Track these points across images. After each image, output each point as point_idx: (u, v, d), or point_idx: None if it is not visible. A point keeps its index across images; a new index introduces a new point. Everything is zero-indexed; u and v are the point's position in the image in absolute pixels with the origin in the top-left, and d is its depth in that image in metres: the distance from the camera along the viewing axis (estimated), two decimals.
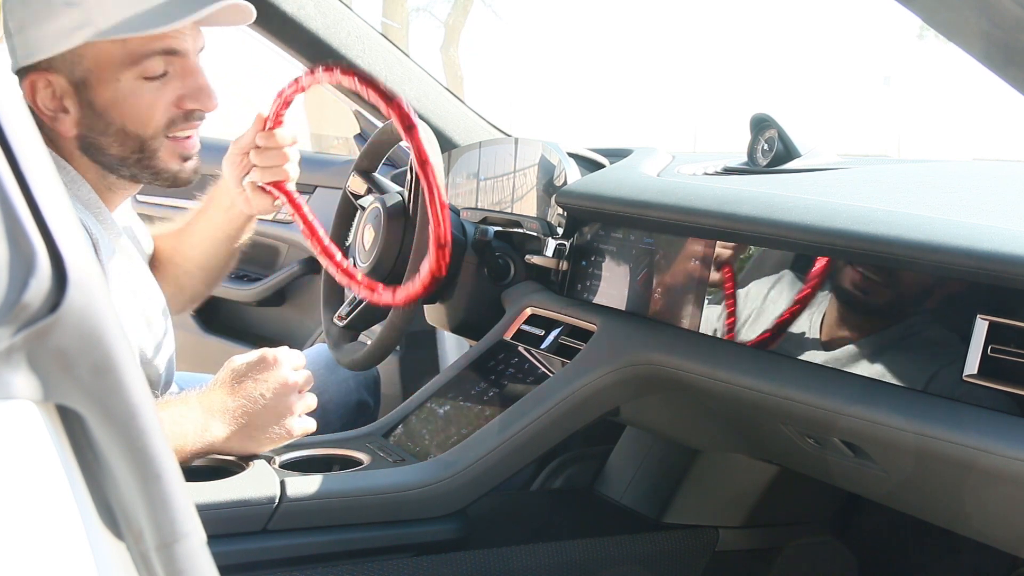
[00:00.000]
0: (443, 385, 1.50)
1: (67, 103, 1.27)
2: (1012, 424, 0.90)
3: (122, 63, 1.25)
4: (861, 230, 1.05)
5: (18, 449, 0.38)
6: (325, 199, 2.46)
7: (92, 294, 0.38)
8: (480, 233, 1.65)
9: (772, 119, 1.51)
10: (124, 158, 1.30)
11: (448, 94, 2.18)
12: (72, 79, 1.26)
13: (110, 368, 0.39)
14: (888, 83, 18.99)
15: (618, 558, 1.47)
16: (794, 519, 1.62)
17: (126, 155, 1.30)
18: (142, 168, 1.32)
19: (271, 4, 1.88)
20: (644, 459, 1.63)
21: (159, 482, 0.41)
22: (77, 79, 1.26)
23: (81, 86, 1.26)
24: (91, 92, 1.26)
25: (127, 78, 1.26)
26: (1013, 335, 0.91)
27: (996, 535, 1.12)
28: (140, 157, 1.31)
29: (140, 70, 1.26)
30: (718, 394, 1.22)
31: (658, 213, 1.35)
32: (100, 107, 1.27)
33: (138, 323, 1.36)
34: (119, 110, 1.27)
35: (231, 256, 1.62)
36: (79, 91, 1.26)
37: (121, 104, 1.27)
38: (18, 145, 0.38)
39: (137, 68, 1.26)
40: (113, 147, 1.29)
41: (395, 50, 2.11)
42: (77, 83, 1.26)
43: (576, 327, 1.46)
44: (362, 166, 1.69)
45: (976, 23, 0.81)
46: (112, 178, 1.34)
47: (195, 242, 1.59)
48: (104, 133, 1.28)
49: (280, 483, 1.22)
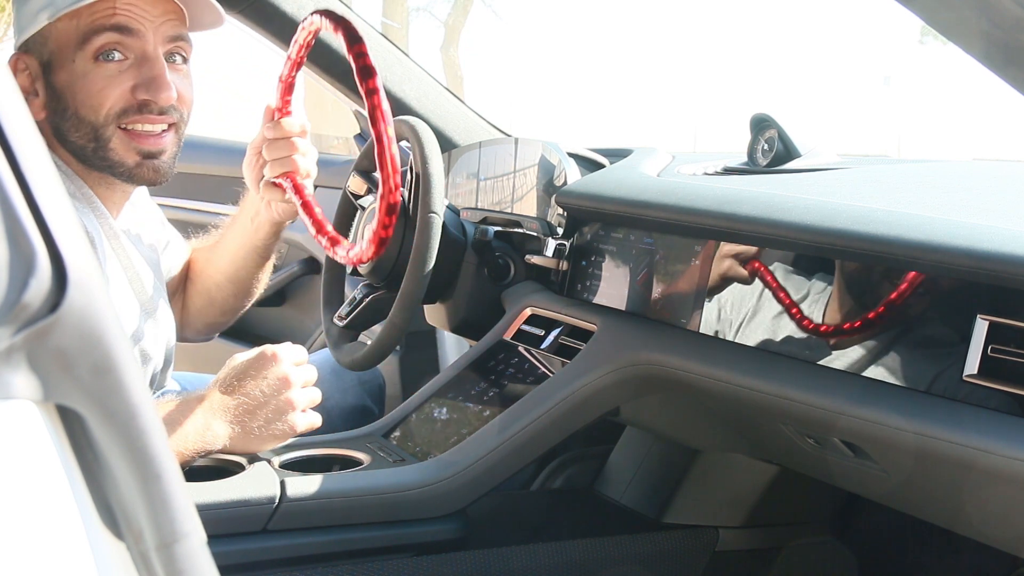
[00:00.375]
0: (443, 385, 1.50)
1: (37, 85, 1.27)
2: (1012, 424, 0.90)
3: (76, 43, 1.24)
4: (861, 230, 1.05)
5: (18, 449, 0.38)
6: (325, 199, 2.46)
7: (92, 294, 0.38)
8: (480, 233, 1.65)
9: (772, 119, 1.51)
10: (81, 147, 1.28)
11: (448, 94, 2.18)
12: (41, 61, 1.26)
13: (110, 368, 0.39)
14: (888, 83, 18.99)
15: (618, 558, 1.47)
16: (794, 519, 1.62)
17: (83, 143, 1.28)
18: (99, 159, 1.29)
19: (271, 4, 1.88)
20: (644, 459, 1.63)
21: (159, 482, 0.41)
22: (44, 61, 1.26)
23: (47, 68, 1.26)
24: (53, 74, 1.26)
25: (80, 59, 1.25)
26: (1013, 335, 0.91)
27: (996, 535, 1.12)
28: (95, 147, 1.28)
29: (92, 49, 1.24)
30: (718, 394, 1.22)
31: (658, 213, 1.35)
32: (59, 89, 1.26)
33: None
34: (72, 92, 1.25)
35: (262, 269, 1.60)
36: (45, 73, 1.26)
37: (74, 86, 1.25)
38: (18, 145, 0.38)
39: (88, 47, 1.24)
40: (72, 133, 1.27)
41: (395, 50, 2.11)
42: (44, 65, 1.26)
43: (576, 327, 1.46)
44: (362, 166, 1.69)
45: (976, 23, 0.81)
46: (93, 175, 1.32)
47: (225, 254, 1.58)
48: (63, 117, 1.27)
49: (280, 483, 1.22)
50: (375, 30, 2.08)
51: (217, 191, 2.70)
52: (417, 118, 1.57)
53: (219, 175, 2.68)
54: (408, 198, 1.56)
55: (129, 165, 1.29)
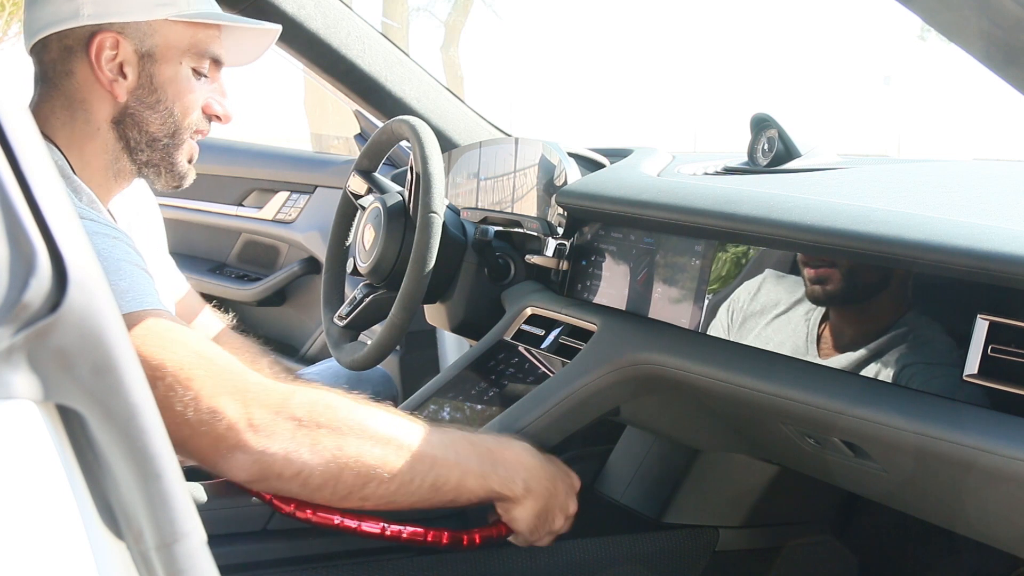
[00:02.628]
0: (443, 385, 1.50)
1: (127, 69, 1.32)
2: (1012, 424, 0.90)
3: (186, 50, 1.34)
4: (861, 230, 1.05)
5: (18, 449, 0.38)
6: (325, 199, 2.47)
7: (92, 294, 0.38)
8: (480, 233, 1.65)
9: (772, 119, 1.51)
10: (156, 139, 1.35)
11: (448, 94, 2.18)
12: (139, 49, 1.31)
13: (110, 368, 0.39)
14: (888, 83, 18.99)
15: (618, 558, 1.47)
16: (794, 519, 1.61)
17: (160, 136, 1.35)
18: (163, 155, 1.36)
19: (271, 4, 1.88)
20: (644, 459, 1.63)
21: (159, 482, 0.41)
22: (144, 50, 1.32)
23: (146, 58, 1.32)
24: (154, 66, 1.33)
25: (186, 65, 1.34)
26: (1013, 335, 0.91)
27: (996, 535, 1.12)
28: (168, 143, 1.36)
29: (196, 63, 1.35)
30: (718, 394, 1.22)
31: (658, 213, 1.35)
32: (158, 82, 1.33)
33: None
34: (173, 91, 1.34)
35: None
36: (143, 62, 1.32)
37: (176, 86, 1.34)
38: (18, 145, 0.38)
39: (195, 60, 1.35)
40: (154, 124, 1.34)
41: (395, 50, 2.11)
42: (143, 54, 1.32)
43: (576, 327, 1.46)
44: (362, 166, 1.69)
45: (976, 23, 0.81)
46: (123, 162, 1.36)
47: None
48: (152, 108, 1.34)
49: None
50: (375, 30, 2.08)
51: (217, 191, 2.70)
52: (417, 118, 1.57)
53: (219, 175, 2.68)
54: (408, 198, 1.56)
55: (183, 168, 1.40)
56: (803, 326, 1.13)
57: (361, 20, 2.05)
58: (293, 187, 2.56)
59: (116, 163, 1.36)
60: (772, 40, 23.65)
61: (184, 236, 2.77)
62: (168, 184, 1.39)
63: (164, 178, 1.38)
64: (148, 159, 1.36)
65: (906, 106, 16.90)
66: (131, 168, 1.37)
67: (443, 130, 2.10)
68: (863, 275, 1.09)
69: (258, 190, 2.65)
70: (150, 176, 1.38)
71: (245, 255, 2.73)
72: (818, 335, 1.12)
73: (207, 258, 2.77)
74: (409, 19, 13.45)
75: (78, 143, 1.33)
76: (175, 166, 1.38)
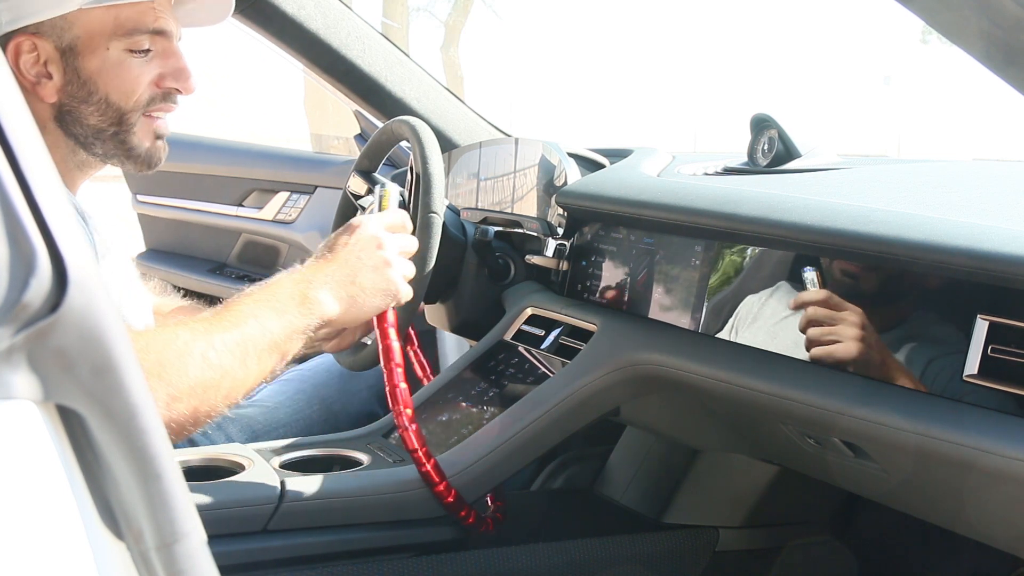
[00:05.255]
0: (443, 385, 1.50)
1: (51, 68, 1.27)
2: (1012, 424, 0.90)
3: (112, 33, 1.27)
4: (861, 230, 1.05)
5: (18, 449, 0.38)
6: (325, 199, 2.47)
7: (92, 294, 0.38)
8: (480, 233, 1.65)
9: (772, 119, 1.51)
10: (101, 130, 1.30)
11: (448, 94, 2.18)
12: (59, 45, 1.26)
13: (110, 368, 0.39)
14: (888, 83, 19.00)
15: (618, 558, 1.47)
16: (794, 519, 1.62)
17: (104, 127, 1.30)
18: (117, 143, 1.32)
19: (271, 4, 1.88)
20: (644, 459, 1.63)
21: (159, 482, 0.41)
22: (65, 45, 1.27)
23: (68, 52, 1.27)
24: (78, 59, 1.27)
25: (115, 49, 1.28)
26: (1013, 335, 0.91)
27: (996, 535, 1.12)
28: (117, 131, 1.31)
29: (128, 43, 1.28)
30: (718, 394, 1.22)
31: (658, 213, 1.35)
32: (85, 74, 1.28)
33: None
34: (105, 79, 1.28)
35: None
36: (65, 57, 1.27)
37: (107, 73, 1.28)
38: (18, 145, 0.38)
39: (126, 40, 1.28)
40: (92, 117, 1.29)
41: (395, 50, 2.11)
42: (64, 49, 1.27)
43: (576, 327, 1.46)
44: (362, 166, 1.69)
45: (976, 23, 0.81)
46: (83, 155, 1.33)
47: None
48: (86, 101, 1.29)
49: (280, 483, 1.22)
50: (375, 30, 2.08)
51: (217, 191, 2.70)
52: (417, 118, 1.57)
53: (219, 175, 2.68)
54: (408, 198, 1.56)
55: (145, 147, 1.34)
56: (803, 326, 1.13)
57: (361, 20, 2.05)
58: (293, 187, 2.56)
59: (74, 156, 1.33)
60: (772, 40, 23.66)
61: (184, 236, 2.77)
62: (136, 168, 1.34)
63: (128, 165, 1.34)
64: (104, 151, 1.32)
65: (906, 106, 16.91)
66: (91, 159, 1.33)
67: (443, 130, 2.10)
68: (863, 275, 1.09)
69: (258, 190, 2.65)
70: (116, 163, 1.35)
71: (245, 255, 2.73)
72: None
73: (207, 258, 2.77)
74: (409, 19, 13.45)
75: None
76: (133, 150, 1.33)
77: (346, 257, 1.22)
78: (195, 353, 1.07)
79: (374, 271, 1.23)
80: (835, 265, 1.11)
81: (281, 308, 1.15)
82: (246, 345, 1.11)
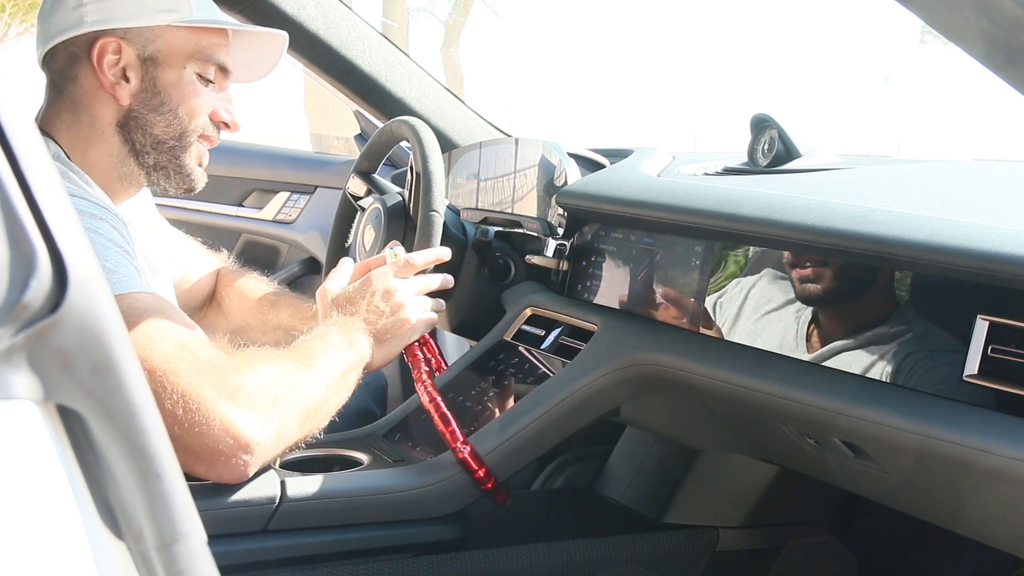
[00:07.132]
0: (443, 385, 1.50)
1: (130, 73, 1.34)
2: (1012, 424, 0.90)
3: (191, 55, 1.36)
4: (861, 230, 1.05)
5: (18, 449, 0.38)
6: (325, 199, 2.47)
7: (92, 294, 0.38)
8: (480, 233, 1.65)
9: (772, 119, 1.51)
10: (162, 142, 1.37)
11: (448, 94, 2.18)
12: (142, 53, 1.33)
13: (110, 368, 0.39)
14: (888, 83, 19.00)
15: (618, 558, 1.47)
16: (794, 519, 1.62)
17: (165, 139, 1.37)
18: (171, 157, 1.38)
19: (271, 5, 1.88)
20: (644, 459, 1.63)
21: (159, 482, 0.41)
22: (147, 55, 1.34)
23: (149, 62, 1.34)
24: (157, 70, 1.35)
25: (190, 70, 1.36)
26: (1013, 335, 0.91)
27: (996, 535, 1.12)
28: (175, 145, 1.38)
29: (201, 69, 1.37)
30: (718, 394, 1.22)
31: (658, 213, 1.35)
32: (161, 86, 1.36)
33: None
34: (177, 94, 1.36)
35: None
36: (145, 66, 1.34)
37: (180, 90, 1.36)
38: (18, 145, 0.38)
39: (200, 66, 1.37)
40: (158, 127, 1.36)
41: (395, 50, 2.11)
42: (146, 58, 1.34)
43: (576, 327, 1.46)
44: (362, 167, 1.69)
45: (976, 23, 0.81)
46: (130, 166, 1.37)
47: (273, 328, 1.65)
48: (156, 111, 1.35)
49: (280, 483, 1.22)
50: (375, 30, 2.08)
51: (217, 191, 2.70)
52: (417, 118, 1.57)
53: (219, 175, 2.68)
54: (408, 198, 1.56)
55: (191, 170, 1.41)
56: (803, 326, 1.13)
57: (361, 20, 2.05)
58: (293, 187, 2.56)
59: (122, 166, 1.37)
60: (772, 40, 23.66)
61: None
62: (179, 186, 1.40)
63: (173, 180, 1.40)
64: (155, 162, 1.37)
65: (906, 106, 16.90)
66: (138, 172, 1.37)
67: (443, 130, 2.10)
68: (863, 275, 1.09)
69: (258, 190, 2.65)
70: (159, 180, 1.39)
71: (245, 255, 2.72)
72: (818, 335, 1.12)
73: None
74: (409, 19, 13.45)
75: (82, 146, 1.33)
76: (183, 168, 1.39)
77: (366, 308, 1.36)
78: (300, 385, 1.19)
79: (391, 315, 1.36)
80: (835, 265, 1.12)
81: (342, 347, 1.29)
82: (329, 378, 1.24)
